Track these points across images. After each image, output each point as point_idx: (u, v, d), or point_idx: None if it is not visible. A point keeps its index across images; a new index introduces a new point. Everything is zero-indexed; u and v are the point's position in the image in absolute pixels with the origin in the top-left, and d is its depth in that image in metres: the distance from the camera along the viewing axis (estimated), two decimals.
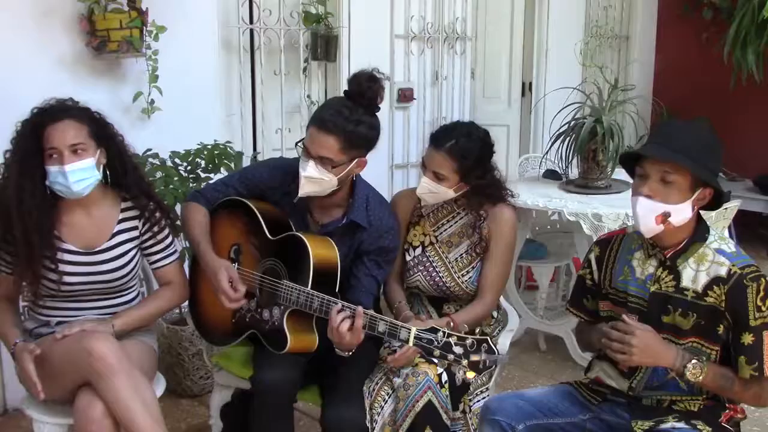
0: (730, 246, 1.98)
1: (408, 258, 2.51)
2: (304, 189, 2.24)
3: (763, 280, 1.90)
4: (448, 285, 2.47)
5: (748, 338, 1.89)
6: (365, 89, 2.23)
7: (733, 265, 1.92)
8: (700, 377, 1.89)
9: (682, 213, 1.93)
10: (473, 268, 2.47)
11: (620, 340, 1.89)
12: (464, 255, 2.48)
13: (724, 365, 1.96)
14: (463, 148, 2.38)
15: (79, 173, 2.15)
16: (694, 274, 1.96)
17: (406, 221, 2.56)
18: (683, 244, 1.98)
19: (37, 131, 2.16)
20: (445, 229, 2.51)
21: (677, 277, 1.98)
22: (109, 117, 2.30)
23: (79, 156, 2.16)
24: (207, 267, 2.27)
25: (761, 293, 1.89)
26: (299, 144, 2.28)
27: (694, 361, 1.89)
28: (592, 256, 2.17)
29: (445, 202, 2.51)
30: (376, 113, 2.28)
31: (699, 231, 2.00)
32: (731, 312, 1.91)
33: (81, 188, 2.17)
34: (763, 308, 1.89)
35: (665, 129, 2.03)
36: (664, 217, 1.92)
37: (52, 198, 2.22)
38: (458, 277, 2.46)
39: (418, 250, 2.51)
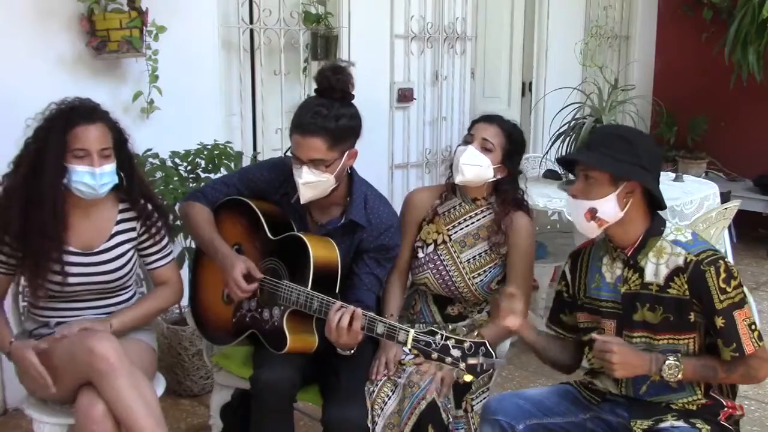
0: (687, 235, 2.02)
1: (420, 255, 2.50)
2: (305, 196, 2.24)
3: (721, 262, 1.94)
4: (457, 286, 2.45)
5: (719, 321, 1.92)
6: (334, 82, 2.22)
7: (688, 254, 1.96)
8: (679, 375, 1.92)
9: (608, 206, 1.98)
10: (485, 271, 2.45)
11: (601, 358, 1.93)
12: (478, 257, 2.46)
13: (707, 352, 1.98)
14: (511, 128, 2.47)
15: (107, 176, 2.19)
16: (655, 268, 2.00)
17: (421, 218, 2.55)
18: (639, 240, 2.02)
19: (66, 128, 2.15)
20: (461, 229, 2.49)
21: (641, 274, 2.01)
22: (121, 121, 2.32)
23: (106, 160, 2.18)
24: (224, 261, 2.25)
25: (722, 275, 1.92)
26: (287, 154, 2.28)
27: (668, 361, 1.92)
28: (567, 269, 2.21)
29: (464, 200, 2.50)
30: (353, 101, 2.27)
31: (654, 226, 2.03)
32: (696, 298, 1.94)
33: (104, 190, 2.20)
34: (728, 289, 1.92)
35: (592, 135, 2.21)
36: (592, 213, 1.98)
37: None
38: (469, 279, 2.44)
39: (431, 248, 2.49)
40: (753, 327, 1.93)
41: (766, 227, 5.80)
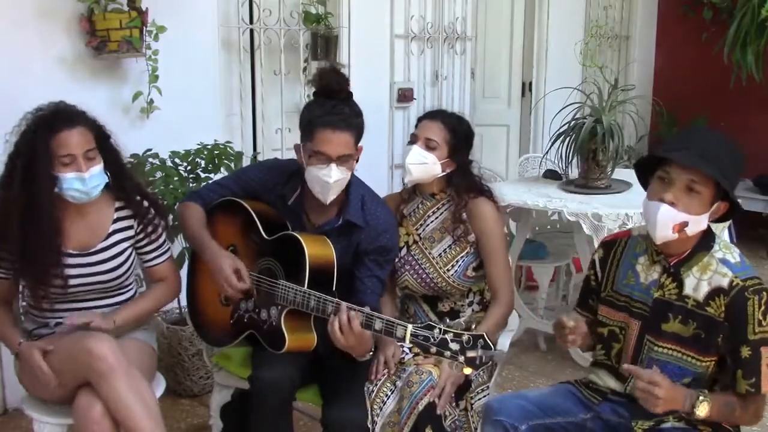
0: (735, 256, 1.96)
1: (396, 259, 2.50)
2: (332, 195, 2.23)
3: (765, 293, 1.88)
4: (435, 281, 2.47)
5: (745, 351, 1.88)
6: (335, 84, 2.26)
7: (735, 277, 1.90)
8: (707, 411, 1.88)
9: (698, 224, 1.91)
10: (457, 262, 2.46)
11: (647, 390, 1.86)
12: (447, 249, 2.48)
13: (721, 384, 1.95)
14: (454, 122, 2.51)
15: (96, 178, 2.18)
16: (696, 283, 1.94)
17: None
18: (688, 253, 1.97)
19: (49, 136, 2.13)
20: (427, 226, 2.51)
21: (680, 285, 1.97)
22: (103, 118, 2.30)
23: (92, 161, 2.18)
24: (212, 257, 2.25)
25: (762, 307, 1.87)
26: (309, 152, 2.24)
27: (701, 398, 1.88)
28: (596, 258, 2.17)
29: (424, 198, 2.53)
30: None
31: (705, 240, 1.97)
32: (730, 323, 1.89)
33: (96, 193, 2.20)
34: (764, 323, 1.87)
35: (694, 136, 1.99)
36: (682, 226, 1.89)
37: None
38: (443, 272, 2.46)
39: (404, 251, 2.51)
40: None
41: (766, 227, 5.79)
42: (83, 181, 2.16)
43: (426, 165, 2.44)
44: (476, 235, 2.46)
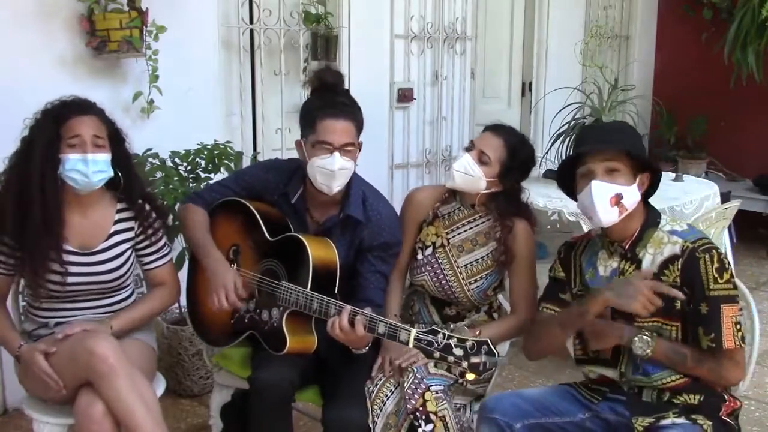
0: (683, 225, 2.06)
1: (419, 256, 2.47)
2: (336, 185, 2.23)
3: (715, 251, 1.97)
4: (454, 290, 2.43)
5: (704, 307, 1.95)
6: (338, 78, 2.34)
7: (685, 241, 2.00)
8: (648, 351, 1.96)
9: (632, 195, 2.01)
10: (482, 277, 2.43)
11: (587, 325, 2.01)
12: (476, 263, 2.43)
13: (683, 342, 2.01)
14: (517, 145, 2.40)
15: (100, 164, 2.19)
16: (652, 258, 2.03)
17: (422, 218, 2.52)
18: (637, 232, 2.06)
19: (59, 121, 2.18)
20: (459, 234, 2.46)
21: (639, 265, 2.04)
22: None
23: (99, 148, 2.19)
24: (214, 267, 2.26)
25: (715, 264, 1.95)
26: (311, 144, 2.25)
27: (640, 335, 1.96)
28: (559, 258, 2.23)
29: (463, 205, 2.47)
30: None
31: (650, 218, 2.08)
32: (688, 285, 1.96)
33: (97, 179, 2.20)
34: (719, 279, 1.94)
35: (588, 133, 2.24)
36: (618, 198, 1.99)
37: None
38: (465, 285, 2.42)
39: (429, 250, 2.47)
40: (738, 327, 1.95)
41: (766, 227, 5.79)
42: (86, 163, 2.16)
43: (471, 178, 2.37)
44: (507, 255, 2.41)
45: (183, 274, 2.53)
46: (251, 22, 3.88)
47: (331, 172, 2.21)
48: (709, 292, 1.94)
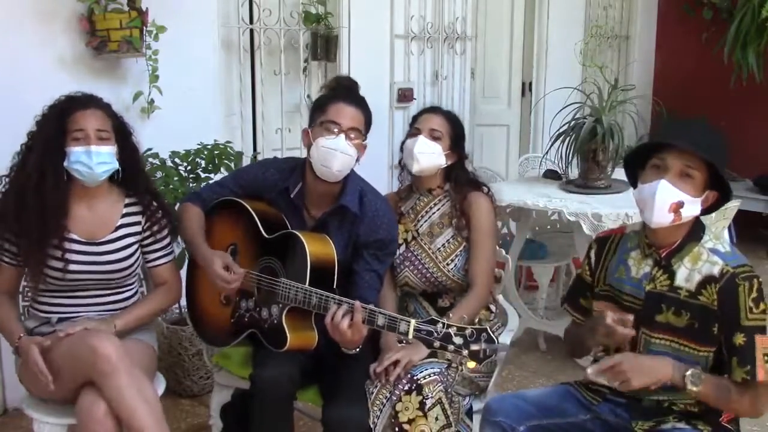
0: (725, 246, 1.98)
1: (396, 255, 2.52)
2: (335, 165, 2.25)
3: (755, 280, 1.90)
4: (435, 276, 2.48)
5: (739, 339, 1.88)
6: (356, 85, 2.47)
7: (726, 265, 1.92)
8: (700, 386, 1.87)
9: (693, 208, 1.93)
10: (457, 255, 2.49)
11: (611, 371, 1.89)
12: (447, 243, 2.51)
13: (717, 373, 1.95)
14: (452, 116, 2.62)
15: (104, 156, 2.22)
16: (688, 273, 1.96)
17: None
18: (678, 243, 1.99)
19: (64, 116, 2.22)
20: (425, 221, 2.55)
21: (671, 276, 1.98)
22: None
23: (103, 141, 2.22)
24: (203, 260, 2.29)
25: (753, 294, 1.88)
26: (319, 124, 2.30)
27: (692, 370, 1.88)
28: (592, 253, 2.18)
29: (422, 194, 2.57)
30: None
31: (695, 231, 1.99)
32: (723, 311, 1.90)
33: (101, 171, 2.22)
34: (756, 310, 1.88)
35: (681, 125, 2.05)
36: (678, 206, 1.91)
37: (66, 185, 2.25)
38: (443, 267, 2.48)
39: (403, 247, 2.53)
40: (767, 358, 1.89)
41: (766, 227, 5.79)
42: (89, 155, 2.18)
43: (433, 155, 2.51)
44: (469, 229, 2.49)
45: (183, 274, 2.53)
46: (251, 22, 3.88)
47: (333, 150, 2.24)
48: (745, 321, 1.88)
